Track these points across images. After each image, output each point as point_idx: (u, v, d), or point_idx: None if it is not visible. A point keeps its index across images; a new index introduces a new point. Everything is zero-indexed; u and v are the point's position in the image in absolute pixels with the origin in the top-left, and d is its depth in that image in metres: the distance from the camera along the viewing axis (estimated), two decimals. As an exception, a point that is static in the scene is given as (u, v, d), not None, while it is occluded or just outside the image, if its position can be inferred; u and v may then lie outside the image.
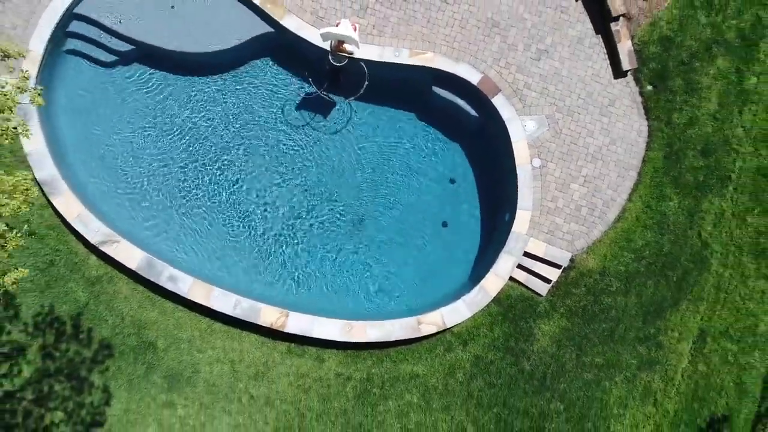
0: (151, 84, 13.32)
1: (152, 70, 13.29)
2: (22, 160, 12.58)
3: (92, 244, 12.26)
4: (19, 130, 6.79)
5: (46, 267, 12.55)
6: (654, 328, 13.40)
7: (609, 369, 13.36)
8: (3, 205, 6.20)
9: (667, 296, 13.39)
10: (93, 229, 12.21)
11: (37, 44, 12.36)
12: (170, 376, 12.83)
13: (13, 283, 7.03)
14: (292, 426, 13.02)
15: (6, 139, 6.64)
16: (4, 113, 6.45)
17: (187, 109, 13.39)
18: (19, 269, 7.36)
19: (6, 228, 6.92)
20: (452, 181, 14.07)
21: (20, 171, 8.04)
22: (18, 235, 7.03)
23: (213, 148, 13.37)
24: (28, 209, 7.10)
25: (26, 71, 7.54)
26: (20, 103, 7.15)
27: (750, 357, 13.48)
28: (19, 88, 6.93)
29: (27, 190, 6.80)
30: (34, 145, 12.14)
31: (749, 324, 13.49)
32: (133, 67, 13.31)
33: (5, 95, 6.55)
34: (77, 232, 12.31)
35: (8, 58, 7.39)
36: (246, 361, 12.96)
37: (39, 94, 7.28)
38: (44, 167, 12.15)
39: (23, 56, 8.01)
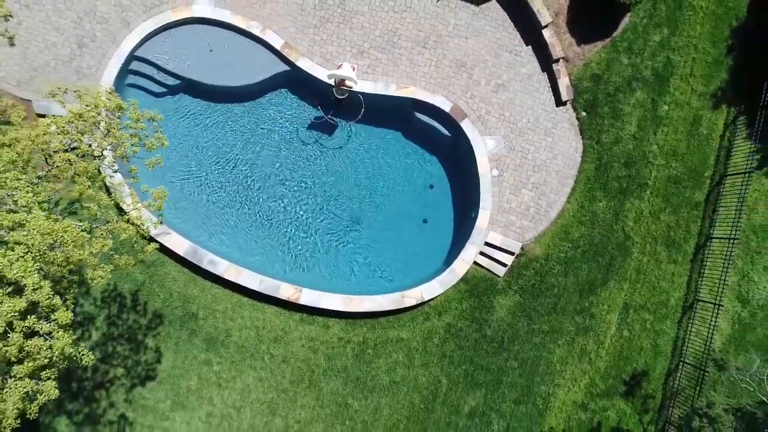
0: (191, 109, 16.84)
1: (193, 99, 16.82)
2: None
3: (150, 235, 15.67)
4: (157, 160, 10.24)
5: (112, 254, 15.96)
6: (588, 302, 17.00)
7: (553, 334, 16.93)
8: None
9: (597, 277, 17.02)
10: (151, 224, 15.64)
11: (107, 79, 15.88)
12: (208, 339, 16.25)
13: (151, 251, 10.39)
14: (303, 379, 16.47)
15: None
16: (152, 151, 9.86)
17: (220, 131, 16.91)
18: (152, 243, 10.77)
19: (148, 218, 10.38)
20: (431, 187, 17.65)
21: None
22: (159, 221, 10.47)
23: (239, 161, 16.90)
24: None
25: (162, 133, 10.71)
26: (156, 147, 10.51)
27: (663, 325, 17.11)
28: (158, 138, 10.26)
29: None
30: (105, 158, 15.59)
31: (662, 299, 17.13)
32: (178, 96, 16.84)
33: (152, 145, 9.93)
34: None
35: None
36: (268, 328, 16.41)
37: (166, 140, 10.57)
38: (114, 174, 15.58)
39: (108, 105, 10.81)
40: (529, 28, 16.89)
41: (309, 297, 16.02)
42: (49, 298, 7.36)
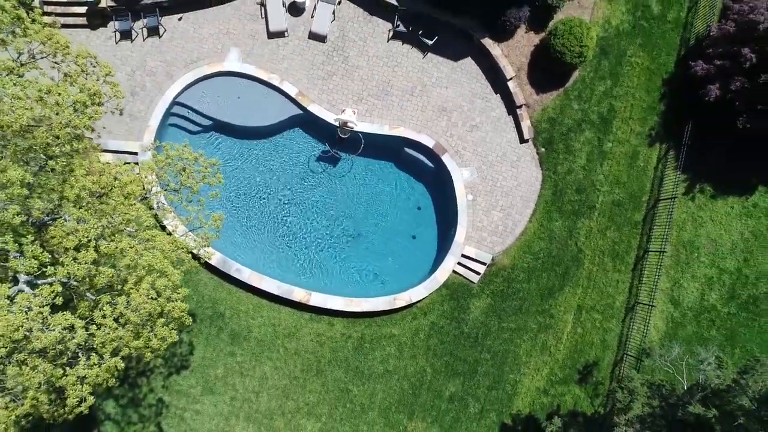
0: (221, 144, 20.45)
1: (223, 136, 20.44)
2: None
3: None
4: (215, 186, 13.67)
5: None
6: (548, 304, 20.49)
7: (519, 331, 20.36)
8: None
9: (555, 283, 20.56)
10: (189, 239, 19.04)
11: (154, 121, 19.49)
12: (233, 335, 19.53)
13: (209, 257, 13.67)
14: (312, 368, 19.73)
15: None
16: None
17: (244, 162, 20.50)
18: (208, 250, 14.17)
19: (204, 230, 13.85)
20: (418, 209, 21.25)
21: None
22: (216, 236, 13.87)
23: (261, 187, 20.45)
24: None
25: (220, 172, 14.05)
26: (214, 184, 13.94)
27: (610, 323, 20.61)
28: (217, 177, 13.70)
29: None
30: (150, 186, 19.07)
31: (609, 302, 20.66)
32: (210, 133, 20.46)
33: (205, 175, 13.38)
34: (177, 240, 19.13)
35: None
36: (283, 325, 19.73)
37: (222, 179, 13.98)
38: (154, 201, 19.02)
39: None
40: (497, 81, 20.76)
41: (317, 299, 19.41)
42: (179, 280, 10.82)
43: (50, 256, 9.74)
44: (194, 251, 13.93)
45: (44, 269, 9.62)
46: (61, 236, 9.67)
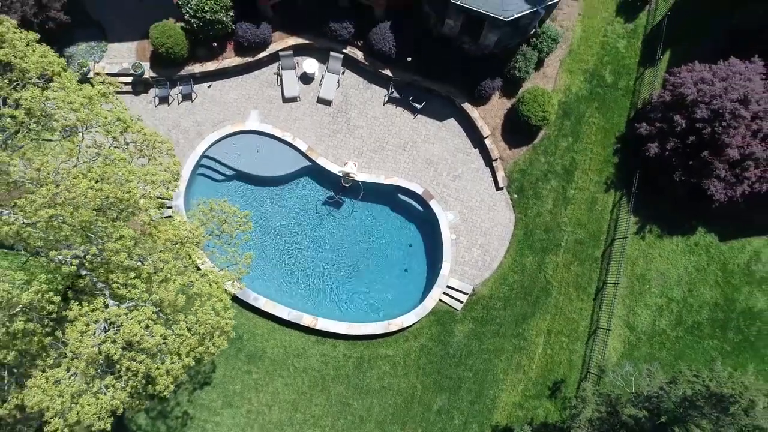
0: (242, 192, 24.00)
1: (244, 184, 24.01)
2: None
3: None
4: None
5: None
6: (521, 329, 23.76)
7: (497, 352, 23.54)
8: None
9: (528, 310, 23.88)
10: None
11: (186, 171, 23.05)
12: (249, 355, 22.60)
13: (241, 288, 17.02)
14: (318, 384, 22.72)
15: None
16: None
17: (261, 206, 24.00)
18: (239, 282, 17.52)
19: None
20: (410, 246, 24.69)
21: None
22: (246, 271, 17.17)
23: (276, 227, 23.89)
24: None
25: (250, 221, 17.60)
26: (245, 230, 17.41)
27: (575, 345, 23.84)
28: (248, 225, 17.17)
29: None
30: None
31: (574, 326, 23.95)
32: (232, 182, 24.03)
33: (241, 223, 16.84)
34: (203, 272, 22.37)
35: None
36: (293, 347, 22.84)
37: (251, 226, 17.44)
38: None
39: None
40: (476, 138, 24.60)
41: (323, 324, 22.58)
42: (227, 301, 14.24)
43: (145, 286, 13.12)
44: (228, 284, 17.25)
45: (142, 296, 13.00)
46: (151, 272, 13.05)
